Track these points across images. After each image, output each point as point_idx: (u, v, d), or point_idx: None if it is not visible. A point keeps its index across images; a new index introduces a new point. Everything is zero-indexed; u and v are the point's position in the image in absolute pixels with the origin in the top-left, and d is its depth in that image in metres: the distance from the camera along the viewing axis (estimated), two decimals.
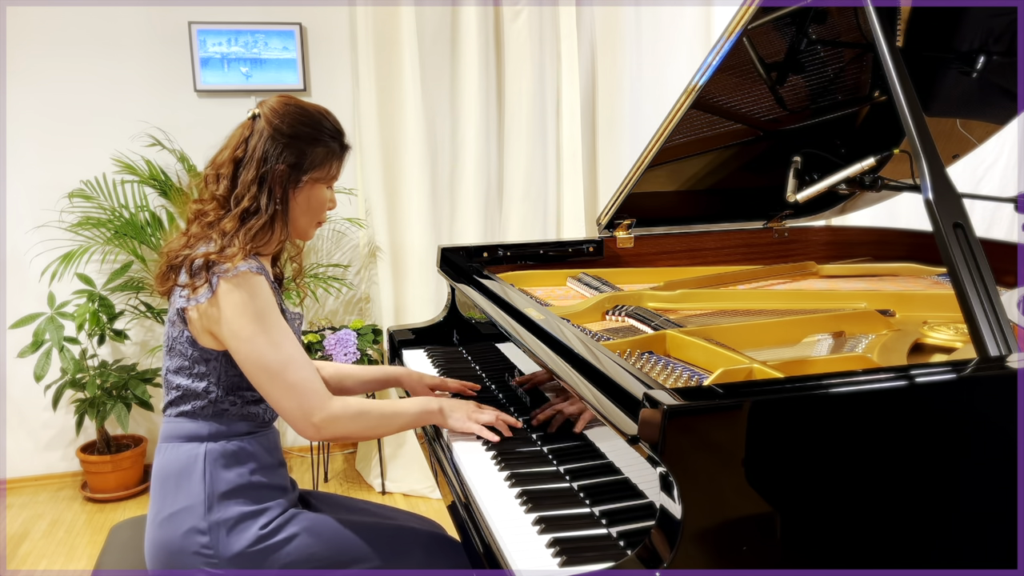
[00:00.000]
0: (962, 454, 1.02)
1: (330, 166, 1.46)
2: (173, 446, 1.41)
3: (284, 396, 1.34)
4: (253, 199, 1.39)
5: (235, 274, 1.33)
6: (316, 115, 1.45)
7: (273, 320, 1.35)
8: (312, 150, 1.43)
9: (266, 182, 1.39)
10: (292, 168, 1.41)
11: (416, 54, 3.20)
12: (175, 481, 1.38)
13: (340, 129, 1.49)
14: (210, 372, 1.39)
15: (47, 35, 3.16)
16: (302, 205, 1.45)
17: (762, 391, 1.00)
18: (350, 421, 1.39)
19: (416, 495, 3.23)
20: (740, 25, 1.66)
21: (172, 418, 1.42)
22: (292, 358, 1.35)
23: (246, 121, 1.44)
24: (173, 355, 1.42)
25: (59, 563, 2.73)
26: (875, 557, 0.98)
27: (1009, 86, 1.85)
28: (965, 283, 1.11)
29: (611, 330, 1.64)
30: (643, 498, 1.09)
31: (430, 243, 3.27)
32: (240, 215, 1.38)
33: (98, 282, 3.18)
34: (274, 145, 1.40)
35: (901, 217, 2.69)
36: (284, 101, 1.44)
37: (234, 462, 1.39)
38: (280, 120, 1.41)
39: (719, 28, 3.16)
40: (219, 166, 1.43)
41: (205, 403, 1.40)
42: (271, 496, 1.41)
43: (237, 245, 1.36)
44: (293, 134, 1.41)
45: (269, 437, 1.47)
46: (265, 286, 1.36)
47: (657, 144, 1.92)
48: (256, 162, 1.39)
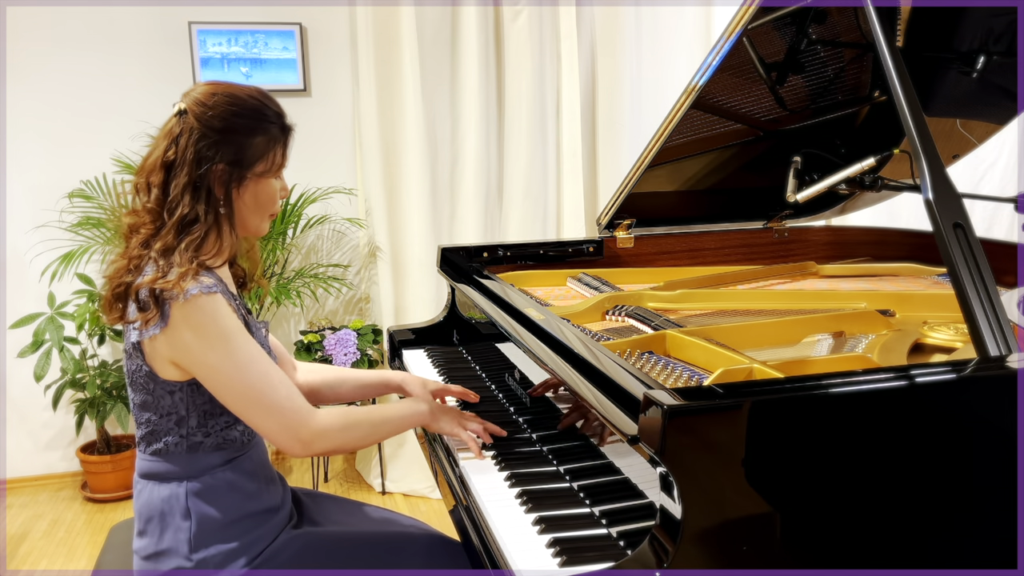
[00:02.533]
0: (962, 454, 1.02)
1: (274, 155, 1.32)
2: (152, 485, 1.32)
3: (265, 418, 1.26)
4: (189, 206, 1.25)
5: (186, 299, 1.20)
6: (249, 100, 1.30)
7: (238, 341, 1.24)
8: (250, 142, 1.28)
9: (202, 186, 1.26)
10: (232, 165, 1.27)
11: (416, 54, 3.20)
12: (158, 522, 1.30)
13: (279, 111, 1.34)
14: (176, 405, 1.29)
15: (47, 35, 3.16)
16: (250, 203, 1.32)
17: (762, 391, 1.00)
18: (339, 433, 1.32)
19: (416, 495, 3.23)
20: (740, 25, 1.66)
21: (146, 455, 1.33)
22: (266, 378, 1.25)
23: (171, 118, 1.29)
24: (136, 389, 1.31)
25: (59, 563, 2.73)
26: (875, 557, 0.98)
27: (1009, 86, 1.85)
28: (965, 283, 1.11)
29: (611, 330, 1.64)
30: (643, 498, 1.09)
31: (430, 243, 3.27)
32: (177, 227, 1.25)
33: (98, 282, 3.17)
34: (207, 143, 1.25)
35: (901, 217, 2.69)
36: (211, 90, 1.28)
37: (217, 498, 1.30)
38: (210, 113, 1.26)
39: (719, 28, 3.16)
40: (148, 172, 1.28)
41: (177, 439, 1.30)
42: (260, 523, 1.34)
43: (180, 262, 1.22)
44: (227, 127, 1.26)
45: (252, 458, 1.38)
46: (222, 305, 1.23)
47: (657, 144, 1.92)
48: (188, 165, 1.25)
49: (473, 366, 1.94)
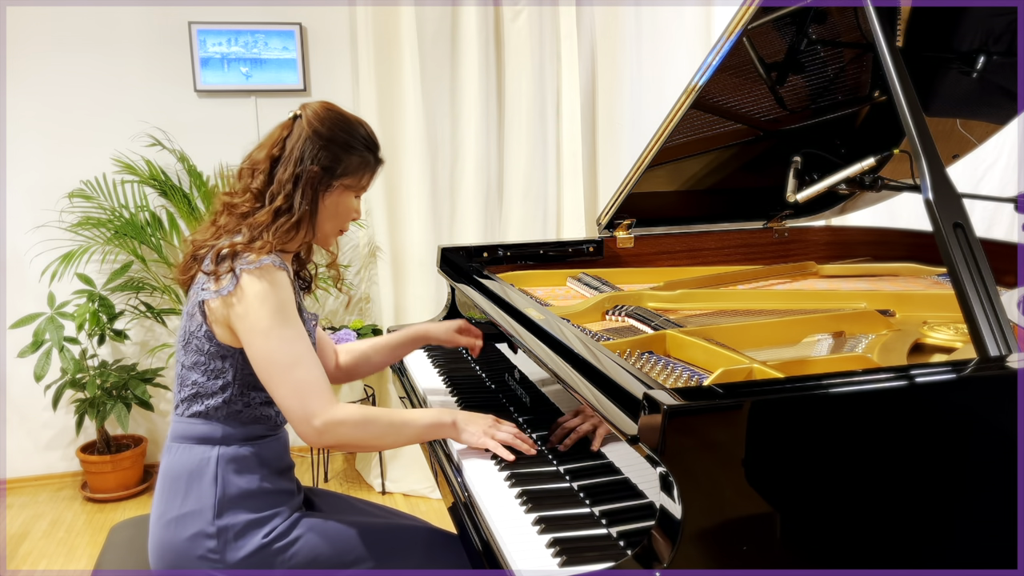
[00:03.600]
0: (962, 454, 1.02)
1: (362, 175, 1.47)
2: (185, 447, 1.40)
3: (289, 394, 1.33)
4: (287, 197, 1.40)
5: (258, 266, 1.33)
6: (355, 124, 1.46)
7: (290, 316, 1.35)
8: (347, 157, 1.44)
9: (300, 181, 1.40)
10: (325, 171, 1.42)
11: (416, 54, 3.20)
12: (185, 483, 1.37)
13: (376, 142, 1.49)
14: (226, 369, 1.39)
15: (47, 35, 3.16)
16: (330, 209, 1.46)
17: (762, 391, 1.00)
18: (354, 428, 1.35)
19: (416, 495, 3.23)
20: (740, 25, 1.66)
21: (184, 418, 1.41)
22: (303, 356, 1.34)
23: (286, 120, 1.46)
24: (189, 350, 1.40)
25: (59, 563, 2.73)
26: (875, 557, 0.98)
27: (1009, 86, 1.85)
28: (965, 283, 1.11)
29: (611, 330, 1.64)
30: (643, 498, 1.09)
31: (430, 243, 3.27)
32: (274, 211, 1.40)
33: (98, 282, 3.18)
34: (311, 146, 1.41)
35: (901, 217, 2.69)
36: (327, 106, 1.45)
37: (245, 468, 1.39)
38: (320, 123, 1.42)
39: (719, 28, 3.16)
40: (256, 162, 1.44)
41: (219, 403, 1.39)
42: (278, 502, 1.41)
43: (265, 239, 1.37)
44: (331, 138, 1.42)
45: (280, 440, 1.47)
46: (287, 281, 1.36)
47: (657, 144, 1.92)
48: (293, 161, 1.40)
49: (473, 366, 1.94)
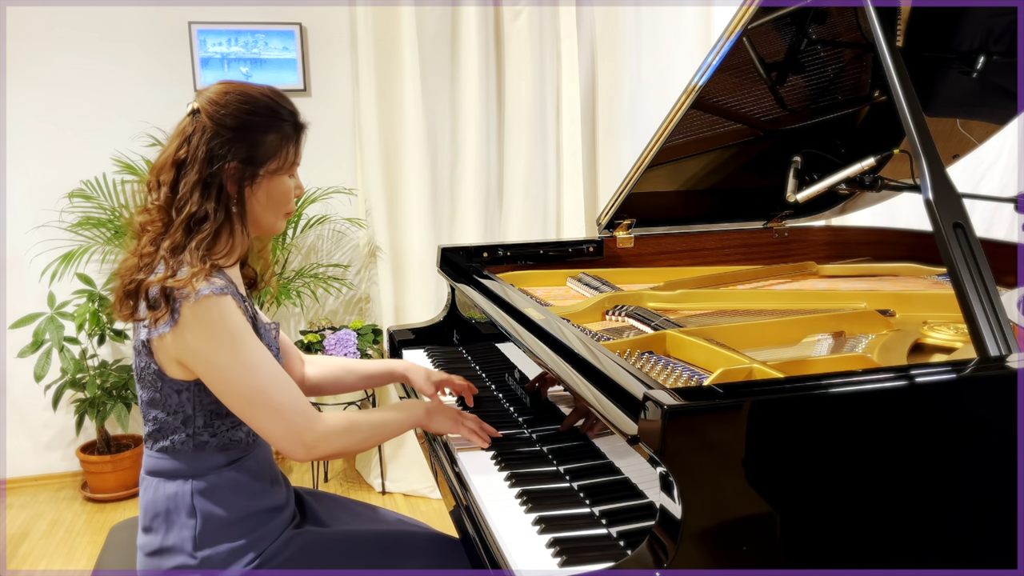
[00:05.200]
0: (962, 454, 1.02)
1: (287, 153, 1.33)
2: (158, 482, 1.33)
3: (269, 421, 1.26)
4: (197, 204, 1.25)
5: (197, 299, 1.21)
6: (262, 99, 1.31)
7: (246, 342, 1.25)
8: (263, 139, 1.29)
9: (213, 183, 1.27)
10: (244, 163, 1.28)
11: (416, 54, 3.20)
12: (163, 519, 1.32)
13: (292, 109, 1.35)
14: (183, 404, 1.30)
15: (47, 35, 3.16)
16: (263, 201, 1.33)
17: (762, 391, 1.00)
18: (341, 436, 1.31)
19: (416, 495, 3.23)
20: (740, 25, 1.66)
21: (153, 452, 1.34)
22: (271, 378, 1.25)
23: (185, 117, 1.30)
24: (144, 386, 1.33)
25: (59, 563, 2.73)
26: (875, 557, 0.98)
27: (1009, 86, 1.85)
28: (965, 283, 1.11)
29: (611, 330, 1.64)
30: (643, 498, 1.09)
31: (430, 243, 3.27)
32: (185, 225, 1.26)
33: (98, 282, 3.18)
34: (220, 141, 1.26)
35: (901, 217, 2.69)
36: (224, 89, 1.30)
37: (222, 497, 1.32)
38: (223, 111, 1.27)
39: (719, 28, 3.16)
40: (159, 170, 1.29)
41: (184, 437, 1.31)
42: (263, 522, 1.35)
43: (191, 263, 1.23)
44: (239, 125, 1.28)
45: (257, 458, 1.39)
46: (232, 306, 1.24)
47: (657, 144, 1.92)
48: (199, 163, 1.26)
49: (473, 366, 1.94)
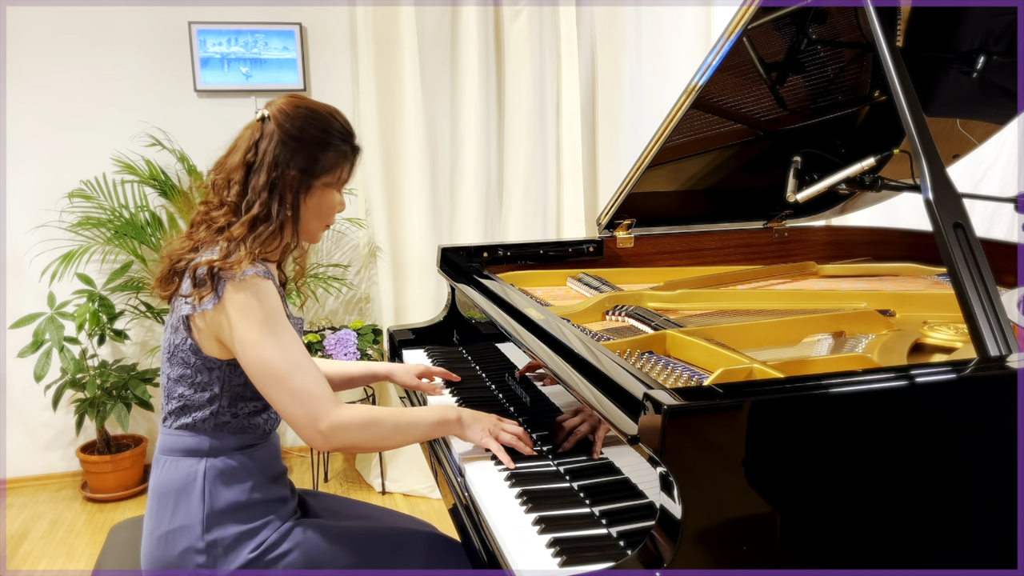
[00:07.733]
0: (962, 454, 1.02)
1: (341, 170, 1.44)
2: (172, 460, 1.38)
3: (291, 402, 1.31)
4: (264, 205, 1.36)
5: (241, 279, 1.30)
6: (327, 117, 1.42)
7: (280, 324, 1.32)
8: (323, 154, 1.40)
9: (277, 188, 1.37)
10: (303, 173, 1.39)
11: (416, 54, 3.20)
12: (174, 498, 1.36)
13: (351, 131, 1.45)
14: (213, 382, 1.36)
15: (47, 35, 3.16)
16: (313, 210, 1.43)
17: (762, 391, 1.00)
18: (359, 430, 1.34)
19: (416, 495, 3.22)
20: (740, 25, 1.66)
21: (172, 430, 1.39)
22: (299, 362, 1.32)
23: (254, 123, 1.41)
24: (174, 363, 1.38)
25: (59, 563, 2.73)
26: (875, 557, 0.98)
27: (1009, 86, 1.85)
28: (965, 283, 1.11)
29: (611, 330, 1.64)
30: (643, 498, 1.09)
31: (430, 243, 3.27)
32: (250, 222, 1.36)
33: (98, 282, 3.18)
34: (285, 150, 1.37)
35: (901, 217, 2.69)
36: (294, 102, 1.41)
37: (233, 479, 1.37)
38: (290, 123, 1.38)
39: (719, 28, 3.16)
40: (230, 171, 1.39)
41: (207, 415, 1.37)
42: (269, 511, 1.39)
43: (244, 251, 1.33)
44: (304, 138, 1.38)
45: (269, 449, 1.45)
46: (272, 290, 1.34)
47: (657, 144, 1.92)
48: (267, 167, 1.36)
49: (473, 366, 1.94)
